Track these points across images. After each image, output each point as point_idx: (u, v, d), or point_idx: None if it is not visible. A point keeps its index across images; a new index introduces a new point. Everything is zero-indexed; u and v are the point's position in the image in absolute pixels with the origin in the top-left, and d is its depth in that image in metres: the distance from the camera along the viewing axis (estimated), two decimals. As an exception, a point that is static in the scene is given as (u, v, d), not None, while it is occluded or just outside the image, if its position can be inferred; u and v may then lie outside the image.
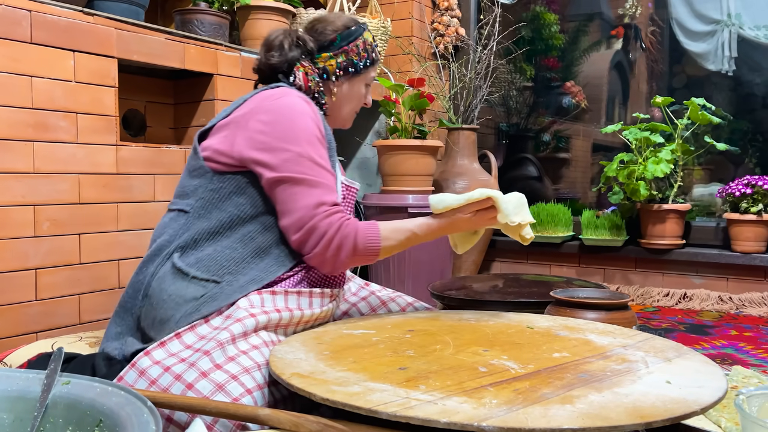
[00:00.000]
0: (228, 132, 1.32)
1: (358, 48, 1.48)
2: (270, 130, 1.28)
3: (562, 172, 3.65)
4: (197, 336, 1.19)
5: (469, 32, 3.28)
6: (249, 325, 1.19)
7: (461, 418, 0.82)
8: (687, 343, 2.05)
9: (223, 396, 1.07)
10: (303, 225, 1.26)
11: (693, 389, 0.96)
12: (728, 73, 3.23)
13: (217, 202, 1.30)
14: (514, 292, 2.10)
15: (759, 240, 2.60)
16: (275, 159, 1.27)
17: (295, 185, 1.26)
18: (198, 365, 1.11)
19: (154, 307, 1.26)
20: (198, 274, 1.26)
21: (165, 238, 1.31)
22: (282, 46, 1.43)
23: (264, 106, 1.32)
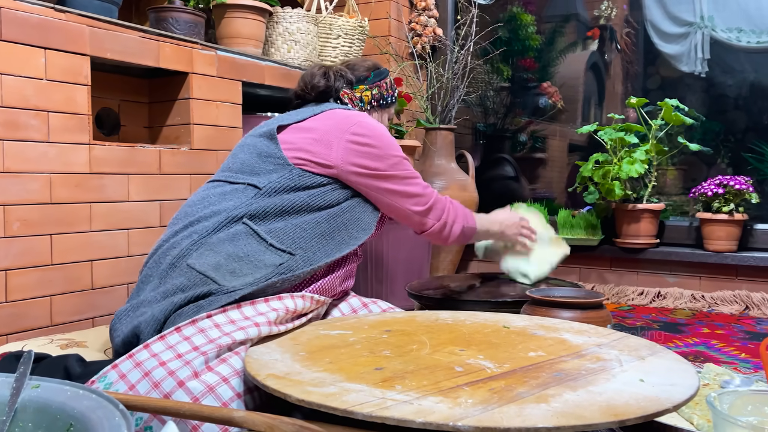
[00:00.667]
0: (315, 137, 1.51)
1: (386, 84, 1.77)
2: (372, 141, 1.53)
3: (539, 172, 3.68)
4: (196, 329, 1.18)
5: (446, 32, 3.29)
6: (252, 333, 1.20)
7: (437, 417, 0.82)
8: (661, 341, 2.07)
9: (213, 398, 1.07)
10: (427, 202, 1.60)
11: (666, 387, 0.97)
12: (701, 75, 3.28)
13: (293, 188, 1.44)
14: (491, 291, 2.11)
15: (731, 239, 2.65)
16: (383, 164, 1.53)
17: (405, 179, 1.57)
18: (192, 364, 1.11)
19: (221, 255, 1.32)
20: (275, 242, 1.37)
21: (231, 204, 1.40)
22: (327, 75, 1.70)
23: (355, 121, 1.54)
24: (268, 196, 1.42)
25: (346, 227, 1.48)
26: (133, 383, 1.11)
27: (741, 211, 2.63)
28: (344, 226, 1.48)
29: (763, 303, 2.53)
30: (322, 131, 1.51)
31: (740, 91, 3.23)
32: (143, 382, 1.10)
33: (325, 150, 1.49)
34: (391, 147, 1.55)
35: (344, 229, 1.48)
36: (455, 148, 3.05)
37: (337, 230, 1.46)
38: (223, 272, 1.30)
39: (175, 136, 2.10)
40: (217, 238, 1.34)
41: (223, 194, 1.44)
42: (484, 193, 3.09)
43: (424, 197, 1.59)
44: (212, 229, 1.36)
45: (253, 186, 1.44)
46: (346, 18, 2.69)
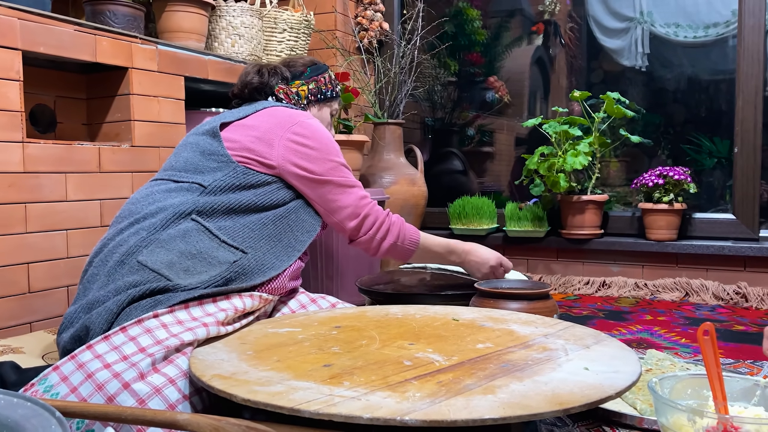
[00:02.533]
0: (257, 135, 1.50)
1: (325, 79, 1.75)
2: (312, 143, 1.51)
3: (487, 165, 3.72)
4: (143, 329, 1.14)
5: (392, 27, 3.28)
6: (200, 334, 1.17)
7: (384, 413, 0.82)
8: (606, 329, 2.12)
9: (160, 400, 1.04)
10: (359, 213, 1.55)
11: (609, 374, 0.99)
12: (642, 69, 3.37)
13: (238, 187, 1.43)
14: (440, 284, 2.12)
15: (671, 228, 2.73)
16: (320, 167, 1.51)
17: (339, 187, 1.54)
18: (138, 366, 1.07)
19: (174, 253, 1.29)
20: (227, 239, 1.36)
21: (177, 201, 1.38)
22: (261, 72, 1.69)
23: (296, 120, 1.53)
24: (213, 194, 1.40)
25: (292, 230, 1.48)
26: (75, 386, 1.07)
27: (680, 201, 2.71)
28: (290, 228, 1.48)
29: (701, 289, 2.62)
30: (264, 129, 1.51)
31: (679, 84, 3.33)
32: (86, 384, 1.06)
33: (267, 149, 1.49)
34: (330, 151, 1.54)
35: (290, 231, 1.48)
36: (404, 143, 3.05)
37: (284, 233, 1.46)
38: (177, 270, 1.27)
39: (115, 133, 2.04)
40: (168, 235, 1.31)
41: (168, 191, 1.41)
42: (433, 187, 3.11)
43: (356, 208, 1.55)
44: (160, 226, 1.33)
45: (198, 184, 1.42)
46: (291, 12, 2.66)
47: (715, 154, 3.12)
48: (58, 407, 0.86)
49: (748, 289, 2.55)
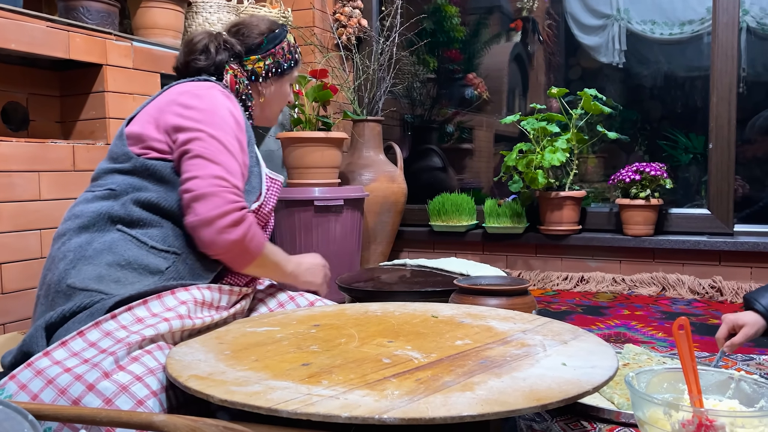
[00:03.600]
0: (146, 119, 1.35)
1: (283, 50, 1.57)
2: (188, 112, 1.33)
3: (466, 162, 3.73)
4: (102, 332, 1.12)
5: (371, 23, 3.27)
6: (162, 329, 1.14)
7: (362, 411, 0.82)
8: (584, 324, 2.14)
9: (127, 398, 1.02)
10: (199, 188, 1.26)
11: (587, 370, 1.00)
12: (619, 66, 3.39)
13: (145, 181, 1.32)
14: (420, 281, 2.13)
15: (648, 223, 2.76)
16: (186, 136, 1.31)
17: (198, 158, 1.29)
18: (101, 365, 1.05)
19: (101, 266, 1.22)
20: (156, 244, 1.28)
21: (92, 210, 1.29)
22: (208, 49, 1.49)
23: (190, 91, 1.37)
24: (125, 195, 1.31)
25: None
26: (35, 393, 1.03)
27: (657, 196, 2.74)
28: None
29: (678, 284, 2.65)
30: (155, 108, 1.37)
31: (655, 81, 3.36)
32: (47, 390, 1.03)
33: (155, 129, 1.34)
34: (205, 122, 1.32)
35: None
36: (383, 140, 3.05)
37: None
38: (108, 282, 1.21)
39: (90, 131, 2.01)
40: (94, 250, 1.24)
41: (86, 202, 1.33)
42: (413, 185, 3.11)
43: (202, 183, 1.26)
44: (86, 243, 1.26)
45: (109, 190, 1.32)
46: (268, 8, 2.64)
47: (691, 150, 3.16)
48: (31, 410, 0.85)
49: (723, 283, 2.59)
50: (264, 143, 2.99)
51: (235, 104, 1.42)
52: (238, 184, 1.31)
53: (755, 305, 1.43)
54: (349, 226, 2.61)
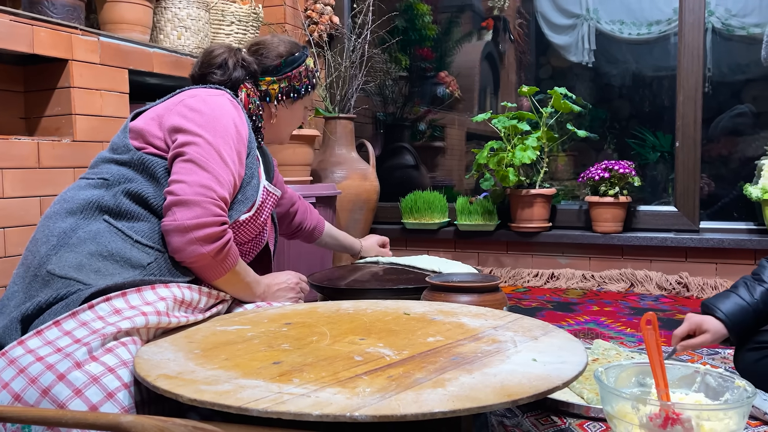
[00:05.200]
0: (152, 116, 1.36)
1: (300, 74, 1.57)
2: (192, 115, 1.33)
3: (438, 160, 3.74)
4: (78, 322, 1.10)
5: (343, 20, 3.26)
6: (138, 322, 1.12)
7: (334, 409, 0.81)
8: (554, 320, 2.16)
9: (98, 389, 1.00)
10: (184, 194, 1.25)
11: (556, 365, 1.00)
12: (588, 65, 3.44)
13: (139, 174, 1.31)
14: (392, 279, 2.12)
15: (616, 221, 2.80)
16: (185, 138, 1.30)
17: (190, 162, 1.28)
18: (73, 355, 1.03)
19: (83, 255, 1.21)
20: (141, 239, 1.26)
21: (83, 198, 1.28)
22: (226, 65, 1.50)
23: (199, 96, 1.37)
24: (117, 185, 1.30)
25: None
26: (6, 381, 1.02)
27: (625, 194, 2.78)
28: None
29: (646, 280, 2.70)
30: (161, 108, 1.38)
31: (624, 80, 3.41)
32: (18, 379, 1.02)
33: (157, 127, 1.35)
34: (206, 127, 1.31)
35: None
36: (356, 138, 3.04)
37: None
38: (87, 272, 1.19)
39: (56, 128, 1.97)
40: (78, 238, 1.23)
41: (78, 189, 1.32)
42: (385, 182, 3.11)
43: (188, 190, 1.25)
44: (70, 229, 1.24)
45: (102, 179, 1.31)
46: (239, 4, 2.62)
47: (659, 148, 3.21)
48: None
49: (689, 278, 2.64)
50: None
51: (241, 116, 1.42)
52: (225, 195, 1.29)
53: (716, 313, 1.40)
54: (321, 224, 2.60)
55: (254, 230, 1.47)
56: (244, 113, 1.45)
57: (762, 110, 3.09)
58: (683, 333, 1.42)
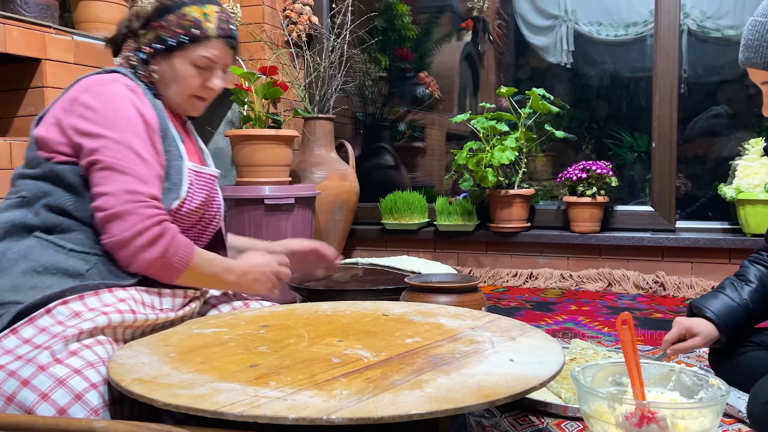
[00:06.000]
0: (51, 120, 1.26)
1: (170, 23, 1.33)
2: (91, 115, 1.23)
3: (418, 160, 3.74)
4: (36, 329, 1.08)
5: (322, 21, 3.25)
6: (101, 322, 1.11)
7: (310, 412, 0.81)
8: (533, 320, 2.17)
9: (65, 391, 0.98)
10: (112, 206, 1.18)
11: (534, 365, 1.01)
12: (567, 66, 3.46)
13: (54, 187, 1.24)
14: (372, 280, 2.12)
15: (594, 221, 2.82)
16: (92, 144, 1.21)
17: (107, 170, 1.20)
18: (36, 360, 1.01)
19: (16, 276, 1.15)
20: (75, 246, 1.21)
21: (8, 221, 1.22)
22: (118, 30, 1.40)
23: (92, 89, 1.26)
24: (36, 202, 1.23)
25: None
26: None
27: (603, 194, 2.80)
28: None
29: (623, 279, 2.72)
30: (56, 108, 1.28)
31: (601, 81, 3.44)
32: None
33: (58, 132, 1.25)
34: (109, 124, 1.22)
35: None
36: (335, 138, 3.04)
37: None
38: (24, 291, 1.14)
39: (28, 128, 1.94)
40: (8, 261, 1.18)
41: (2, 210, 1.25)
42: (365, 183, 3.11)
43: (114, 200, 1.18)
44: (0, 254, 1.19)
45: (20, 197, 1.25)
46: (217, 4, 2.59)
47: (636, 149, 3.25)
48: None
49: (666, 278, 2.67)
50: (212, 141, 2.94)
51: (143, 98, 1.31)
52: (153, 192, 1.23)
53: (705, 312, 1.36)
54: (301, 225, 2.59)
55: (187, 220, 1.37)
56: (145, 91, 1.33)
57: (737, 111, 3.14)
58: (674, 338, 1.38)
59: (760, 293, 1.38)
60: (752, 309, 1.36)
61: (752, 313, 1.37)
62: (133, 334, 1.20)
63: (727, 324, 1.35)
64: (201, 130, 2.89)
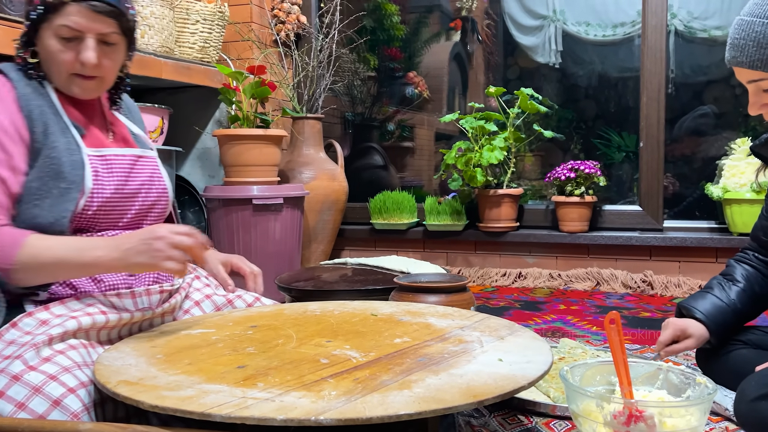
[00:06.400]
0: None
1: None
2: None
3: (407, 160, 3.74)
4: (5, 343, 1.06)
5: (310, 20, 3.25)
6: (71, 326, 1.09)
7: (298, 413, 0.80)
8: (521, 319, 2.18)
9: (42, 399, 0.96)
10: None
11: (522, 365, 1.01)
12: (555, 66, 3.48)
13: None
14: (361, 280, 2.12)
15: (582, 220, 2.83)
16: None
17: None
18: (8, 370, 0.99)
19: None
20: None
21: None
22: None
23: None
24: None
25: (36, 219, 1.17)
26: None
27: (591, 193, 2.82)
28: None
29: (611, 279, 2.73)
30: None
31: (590, 81, 3.46)
32: None
33: None
34: None
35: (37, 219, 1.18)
36: (324, 138, 3.03)
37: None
38: None
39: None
40: None
41: None
42: (354, 183, 3.10)
43: None
44: None
45: None
46: (204, 3, 2.58)
47: (624, 149, 3.26)
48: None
49: (654, 277, 2.68)
50: (200, 140, 2.92)
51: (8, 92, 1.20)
52: None
53: (694, 313, 1.36)
54: (289, 225, 2.58)
55: (116, 207, 1.27)
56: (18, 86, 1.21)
57: (723, 111, 3.16)
58: (668, 339, 1.38)
59: (748, 293, 1.38)
60: (740, 309, 1.37)
61: (740, 313, 1.37)
62: (109, 335, 1.19)
63: (716, 325, 1.35)
64: (188, 129, 2.87)
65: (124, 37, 1.26)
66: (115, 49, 1.25)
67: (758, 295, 1.39)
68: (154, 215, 1.37)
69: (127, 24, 1.25)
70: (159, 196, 1.36)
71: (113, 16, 1.21)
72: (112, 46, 1.24)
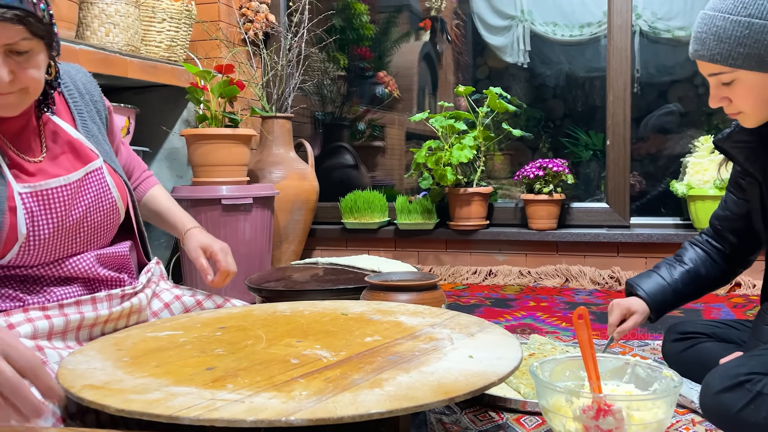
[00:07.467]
0: None
1: None
2: None
3: (378, 159, 3.74)
4: None
5: (279, 19, 3.23)
6: (25, 331, 1.06)
7: (269, 414, 0.80)
8: (492, 316, 2.19)
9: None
10: None
11: (492, 361, 1.01)
12: (523, 66, 3.50)
13: None
14: (332, 279, 2.11)
15: (551, 218, 2.86)
16: None
17: None
18: None
19: None
20: None
21: None
22: None
23: None
24: None
25: None
26: None
27: (559, 191, 2.85)
28: None
29: (580, 275, 2.77)
30: None
31: (558, 80, 3.49)
32: None
33: None
34: None
35: None
36: (294, 137, 3.01)
37: None
38: None
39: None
40: None
41: None
42: (325, 182, 3.09)
43: None
44: None
45: None
46: (170, 1, 2.55)
47: (591, 147, 3.30)
48: None
49: (621, 273, 2.72)
50: (167, 140, 2.88)
51: None
52: None
53: (638, 291, 1.46)
54: (259, 225, 2.56)
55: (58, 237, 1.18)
56: None
57: (687, 110, 3.22)
58: (617, 320, 1.46)
59: (692, 275, 1.46)
60: (681, 289, 1.46)
61: (680, 293, 1.46)
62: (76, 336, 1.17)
63: (656, 303, 1.44)
64: (155, 129, 2.83)
65: (40, 39, 1.06)
66: (30, 55, 1.06)
67: (703, 277, 1.47)
68: (104, 232, 1.29)
69: (39, 24, 1.04)
70: (108, 214, 1.27)
71: (18, 21, 1.00)
72: (24, 54, 1.05)
